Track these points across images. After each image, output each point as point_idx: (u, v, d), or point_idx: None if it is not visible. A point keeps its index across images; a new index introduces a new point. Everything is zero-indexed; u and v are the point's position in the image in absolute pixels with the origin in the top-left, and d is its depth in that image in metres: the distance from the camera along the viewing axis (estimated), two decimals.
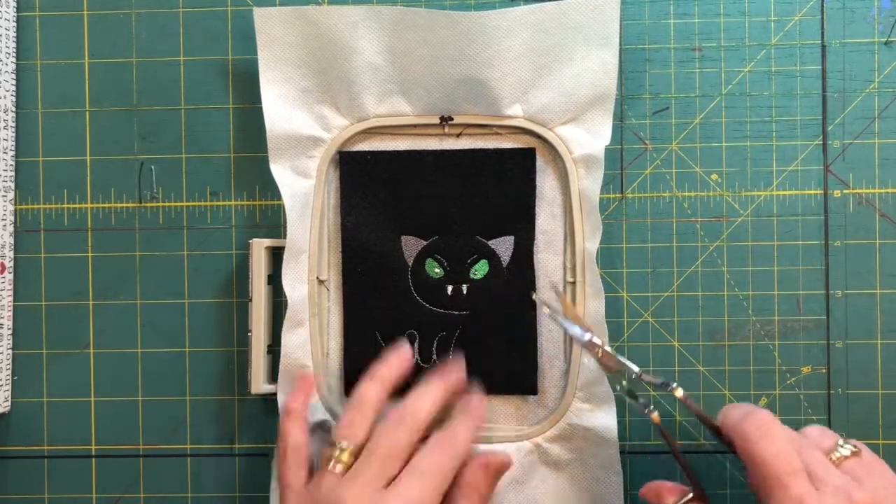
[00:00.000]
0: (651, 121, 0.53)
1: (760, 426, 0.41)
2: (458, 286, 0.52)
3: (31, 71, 0.55)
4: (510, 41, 0.49)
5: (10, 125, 0.54)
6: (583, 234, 0.51)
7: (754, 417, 0.42)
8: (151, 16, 0.54)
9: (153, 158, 0.55)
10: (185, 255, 0.54)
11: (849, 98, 0.53)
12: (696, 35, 0.53)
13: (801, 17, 0.53)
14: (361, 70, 0.50)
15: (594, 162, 0.50)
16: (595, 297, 0.51)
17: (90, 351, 0.55)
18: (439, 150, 0.52)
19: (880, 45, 0.53)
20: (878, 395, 0.53)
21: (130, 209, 0.55)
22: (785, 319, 0.53)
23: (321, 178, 0.52)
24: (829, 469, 0.40)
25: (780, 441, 0.40)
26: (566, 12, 0.50)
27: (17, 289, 0.55)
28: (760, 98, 0.53)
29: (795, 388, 0.53)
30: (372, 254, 0.52)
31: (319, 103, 0.52)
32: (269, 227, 0.54)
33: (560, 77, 0.51)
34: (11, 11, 0.54)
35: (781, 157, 0.53)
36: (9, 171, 0.54)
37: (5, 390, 0.54)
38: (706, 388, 0.53)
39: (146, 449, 0.54)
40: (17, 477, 0.55)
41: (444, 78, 0.50)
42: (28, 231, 0.55)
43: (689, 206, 0.53)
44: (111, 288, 0.55)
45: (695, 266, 0.53)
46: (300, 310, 0.51)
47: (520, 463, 0.51)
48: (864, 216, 0.53)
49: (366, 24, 0.50)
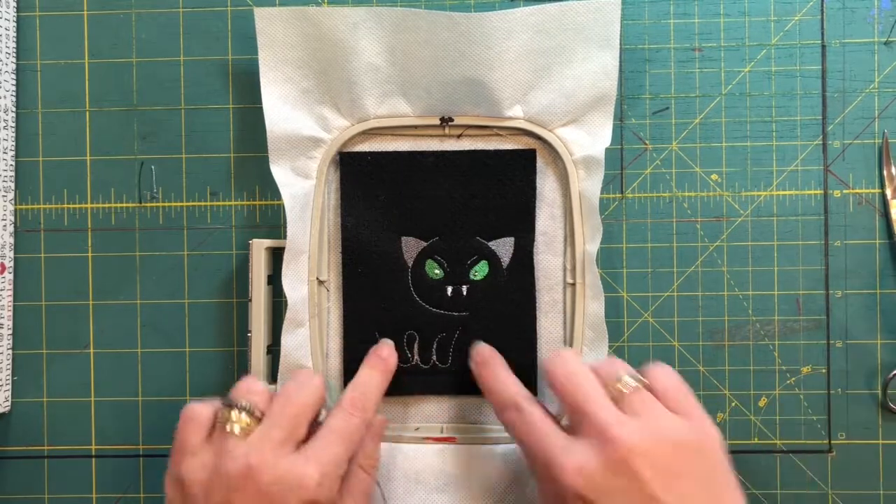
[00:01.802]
0: (651, 121, 0.53)
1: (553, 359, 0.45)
2: (457, 287, 0.52)
3: (31, 71, 0.55)
4: (511, 42, 0.49)
5: (10, 125, 0.54)
6: (583, 235, 0.51)
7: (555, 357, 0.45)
8: (151, 16, 0.54)
9: (153, 158, 0.55)
10: (185, 255, 0.54)
11: (849, 98, 0.53)
12: (696, 35, 0.53)
13: (801, 17, 0.53)
14: (362, 71, 0.50)
15: (594, 163, 0.50)
16: (595, 298, 0.51)
17: (90, 351, 0.55)
18: (439, 151, 0.52)
19: (880, 45, 0.53)
20: (877, 395, 0.53)
21: (130, 209, 0.55)
22: (785, 319, 0.53)
23: (321, 179, 0.52)
24: (600, 403, 0.42)
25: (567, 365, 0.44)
26: (567, 14, 0.50)
27: (17, 289, 0.55)
28: (760, 98, 0.53)
29: (795, 388, 0.53)
30: (372, 255, 0.52)
31: (320, 104, 0.52)
32: (269, 227, 0.54)
33: (560, 78, 0.51)
34: (11, 11, 0.54)
35: (781, 157, 0.53)
36: (9, 171, 0.54)
37: (5, 390, 0.54)
38: (706, 388, 0.53)
39: (146, 449, 0.54)
40: (17, 477, 0.55)
41: (445, 79, 0.50)
42: (28, 231, 0.55)
43: (689, 206, 0.53)
44: (111, 288, 0.55)
45: (695, 266, 0.53)
46: (300, 310, 0.51)
47: (520, 464, 0.51)
48: (864, 216, 0.53)
49: (366, 24, 0.50)
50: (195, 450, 0.43)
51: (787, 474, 0.53)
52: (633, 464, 0.39)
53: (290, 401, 0.44)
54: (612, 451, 0.40)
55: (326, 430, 0.45)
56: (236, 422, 0.43)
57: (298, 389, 0.45)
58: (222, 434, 0.43)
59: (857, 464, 0.53)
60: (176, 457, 0.43)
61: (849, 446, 0.53)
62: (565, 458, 0.41)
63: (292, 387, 0.45)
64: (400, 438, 0.52)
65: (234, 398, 0.44)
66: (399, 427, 0.52)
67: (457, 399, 0.53)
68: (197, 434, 0.44)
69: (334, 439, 0.44)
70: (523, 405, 0.45)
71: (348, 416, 0.46)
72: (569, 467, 0.40)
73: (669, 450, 0.40)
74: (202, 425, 0.44)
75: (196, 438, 0.43)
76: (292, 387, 0.45)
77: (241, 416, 0.43)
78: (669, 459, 0.40)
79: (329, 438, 0.44)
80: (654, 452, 0.40)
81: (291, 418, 0.44)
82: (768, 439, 0.53)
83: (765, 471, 0.53)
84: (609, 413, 0.41)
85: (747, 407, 0.53)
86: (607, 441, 0.40)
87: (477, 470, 0.51)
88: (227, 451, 0.42)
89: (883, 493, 0.53)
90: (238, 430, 0.43)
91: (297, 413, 0.44)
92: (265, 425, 0.43)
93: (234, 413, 0.43)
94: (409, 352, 0.52)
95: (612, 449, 0.40)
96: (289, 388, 0.45)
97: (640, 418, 0.41)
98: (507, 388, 0.47)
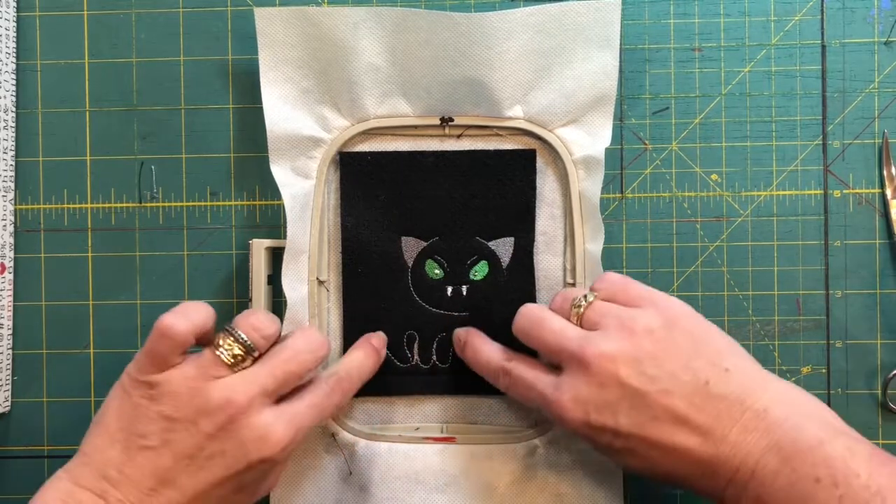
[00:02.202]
0: (651, 121, 0.53)
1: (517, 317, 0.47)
2: (457, 287, 0.52)
3: (31, 71, 0.55)
4: (511, 43, 0.49)
5: (10, 125, 0.54)
6: (583, 235, 0.51)
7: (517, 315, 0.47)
8: (151, 16, 0.54)
9: (153, 158, 0.55)
10: (185, 255, 0.54)
11: (849, 98, 0.53)
12: (696, 35, 0.53)
13: (801, 17, 0.53)
14: (362, 71, 0.50)
15: (594, 163, 0.50)
16: None
17: (90, 351, 0.55)
18: (440, 151, 0.52)
19: (880, 45, 0.53)
20: (877, 395, 0.53)
21: (130, 209, 0.55)
22: (785, 319, 0.53)
23: (321, 179, 0.52)
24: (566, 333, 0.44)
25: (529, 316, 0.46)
26: (567, 14, 0.50)
27: (17, 289, 0.55)
28: (760, 98, 0.53)
29: None
30: (372, 255, 0.52)
31: (320, 104, 0.52)
32: (269, 227, 0.54)
33: (561, 79, 0.51)
34: (11, 11, 0.54)
35: (781, 157, 0.53)
36: (9, 171, 0.54)
37: (5, 390, 0.54)
38: None
39: None
40: (17, 477, 0.55)
41: (445, 79, 0.50)
42: (28, 231, 0.55)
43: (689, 206, 0.53)
44: (111, 288, 0.55)
45: (695, 266, 0.53)
46: (300, 310, 0.51)
47: (520, 465, 0.51)
48: (864, 216, 0.53)
49: (367, 24, 0.50)
50: (169, 365, 0.42)
51: None
52: (616, 372, 0.41)
53: (294, 358, 0.44)
54: (594, 371, 0.41)
55: (308, 398, 0.45)
56: (229, 351, 0.43)
57: (305, 351, 0.45)
58: (212, 356, 0.43)
59: None
60: (146, 362, 0.42)
61: None
62: (558, 395, 0.43)
63: (301, 345, 0.45)
64: (400, 438, 0.52)
65: (236, 328, 0.44)
66: (399, 427, 0.52)
67: (457, 399, 0.53)
68: (173, 351, 0.42)
69: (312, 411, 0.44)
70: (509, 366, 0.47)
71: (330, 394, 0.46)
72: (564, 402, 0.42)
73: (641, 341, 0.42)
74: (180, 344, 0.42)
75: (172, 355, 0.42)
76: (301, 345, 0.45)
77: (235, 349, 0.43)
78: (646, 350, 0.42)
79: (308, 409, 0.44)
80: (629, 352, 0.41)
81: (287, 374, 0.44)
82: None
83: None
84: (576, 337, 0.43)
85: None
86: (584, 363, 0.42)
87: (477, 470, 0.51)
88: (212, 374, 0.42)
89: None
90: (229, 360, 0.43)
91: (294, 372, 0.44)
92: (260, 368, 0.43)
93: (229, 342, 0.43)
94: (409, 352, 0.52)
95: (593, 369, 0.41)
96: (297, 345, 0.45)
97: (605, 328, 0.43)
98: (491, 357, 0.48)
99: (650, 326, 0.42)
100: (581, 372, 0.42)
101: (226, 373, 0.43)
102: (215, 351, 0.43)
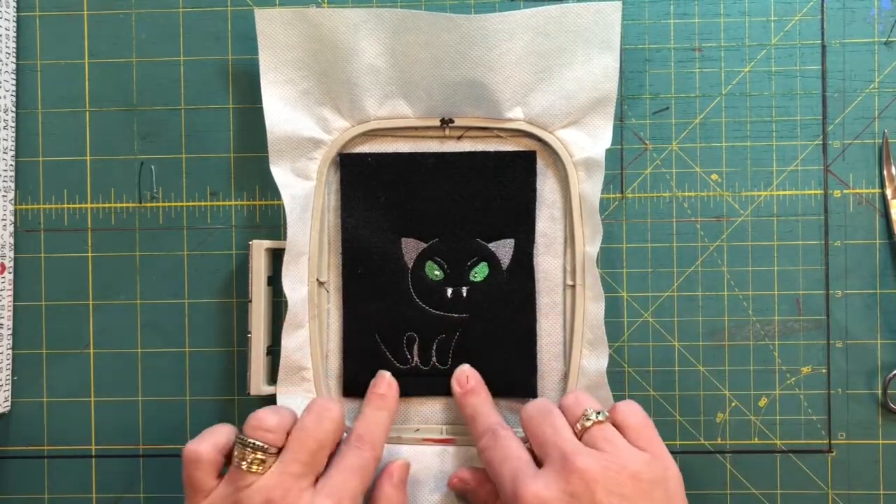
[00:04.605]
0: (651, 121, 0.53)
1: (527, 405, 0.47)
2: (457, 289, 0.52)
3: (31, 71, 0.55)
4: (511, 44, 0.49)
5: (10, 125, 0.54)
6: (583, 237, 0.51)
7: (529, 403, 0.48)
8: (151, 16, 0.54)
9: (153, 158, 0.55)
10: (185, 255, 0.54)
11: (849, 98, 0.53)
12: (696, 35, 0.53)
13: (801, 17, 0.53)
14: (362, 72, 0.50)
15: (594, 165, 0.50)
16: (595, 300, 0.51)
17: (90, 351, 0.55)
18: (440, 153, 0.52)
19: (880, 45, 0.53)
20: (877, 395, 0.53)
21: (130, 209, 0.55)
22: (785, 319, 0.53)
23: (321, 180, 0.52)
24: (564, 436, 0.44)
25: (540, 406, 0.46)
26: (567, 16, 0.50)
27: (17, 289, 0.55)
28: (760, 98, 0.53)
29: (795, 388, 0.53)
30: (372, 256, 0.52)
31: (320, 105, 0.52)
32: (269, 227, 0.54)
33: (561, 80, 0.51)
34: (11, 11, 0.54)
35: (781, 157, 0.53)
36: (9, 171, 0.54)
37: (5, 390, 0.54)
38: (706, 389, 0.53)
39: (146, 449, 0.54)
40: (17, 477, 0.55)
41: (445, 80, 0.50)
42: (28, 231, 0.55)
43: (689, 206, 0.53)
44: (111, 288, 0.55)
45: (695, 266, 0.53)
46: (300, 311, 0.51)
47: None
48: (864, 216, 0.53)
49: (367, 26, 0.50)
50: (210, 489, 0.44)
51: (787, 474, 0.53)
52: (593, 492, 0.41)
53: (309, 435, 0.45)
54: (573, 479, 0.42)
55: (341, 465, 0.45)
56: (249, 460, 0.44)
57: (317, 422, 0.45)
58: (238, 471, 0.44)
59: (857, 464, 0.53)
60: (190, 494, 0.44)
61: (849, 446, 0.53)
62: (531, 481, 0.43)
63: (310, 420, 0.45)
64: (400, 440, 0.52)
65: (246, 437, 0.44)
66: (399, 428, 0.52)
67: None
68: (208, 474, 0.44)
69: (350, 475, 0.45)
70: (500, 432, 0.47)
71: (359, 451, 0.46)
72: (529, 494, 0.42)
73: (627, 480, 0.42)
74: (211, 465, 0.44)
75: (208, 478, 0.44)
76: (310, 420, 0.45)
77: (254, 456, 0.44)
78: (627, 489, 0.42)
79: (345, 474, 0.45)
80: (612, 482, 0.42)
81: (310, 453, 0.44)
82: (768, 439, 0.53)
83: (765, 471, 0.53)
84: (572, 444, 0.43)
85: (747, 407, 0.53)
86: (569, 470, 0.42)
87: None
88: (246, 485, 0.43)
89: (883, 493, 0.53)
90: (254, 468, 0.44)
91: (316, 448, 0.45)
92: (284, 459, 0.44)
93: (246, 452, 0.44)
94: (408, 353, 0.52)
95: (574, 478, 0.42)
96: (307, 422, 0.45)
97: (602, 450, 0.43)
98: (489, 417, 0.49)
99: (640, 472, 0.42)
100: (562, 474, 0.42)
101: (256, 479, 0.44)
102: (240, 465, 0.44)
